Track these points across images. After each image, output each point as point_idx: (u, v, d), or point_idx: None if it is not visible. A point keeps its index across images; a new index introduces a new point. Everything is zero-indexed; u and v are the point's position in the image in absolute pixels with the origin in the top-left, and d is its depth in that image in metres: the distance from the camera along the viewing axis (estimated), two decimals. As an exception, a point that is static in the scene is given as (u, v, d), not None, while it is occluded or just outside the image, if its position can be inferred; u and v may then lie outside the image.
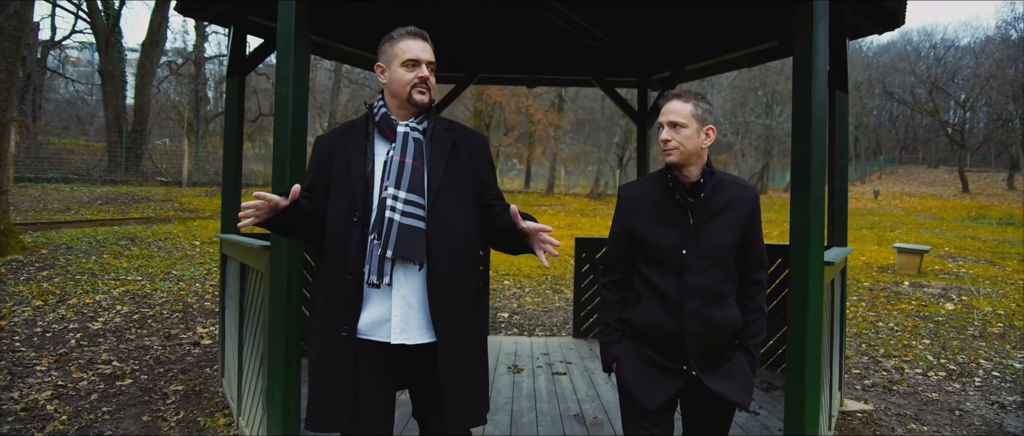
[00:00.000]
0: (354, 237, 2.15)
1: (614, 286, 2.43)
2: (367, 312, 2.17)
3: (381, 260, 2.11)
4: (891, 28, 4.70)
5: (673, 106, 2.30)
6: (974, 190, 41.44)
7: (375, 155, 2.22)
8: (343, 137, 2.28)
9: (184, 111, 38.23)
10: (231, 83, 4.80)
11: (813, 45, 2.86)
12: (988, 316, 8.63)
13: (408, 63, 2.21)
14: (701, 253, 2.25)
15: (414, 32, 2.26)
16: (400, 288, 2.16)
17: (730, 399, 2.25)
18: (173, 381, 4.82)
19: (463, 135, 2.34)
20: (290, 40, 2.83)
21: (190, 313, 6.86)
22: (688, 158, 2.27)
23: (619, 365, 2.38)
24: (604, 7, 5.50)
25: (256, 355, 3.45)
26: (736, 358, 2.33)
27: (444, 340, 2.16)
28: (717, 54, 5.91)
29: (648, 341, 2.31)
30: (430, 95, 2.26)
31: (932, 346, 6.99)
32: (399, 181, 2.14)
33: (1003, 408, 5.00)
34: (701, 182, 2.29)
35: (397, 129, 2.22)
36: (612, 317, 2.41)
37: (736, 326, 2.33)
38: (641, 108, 6.86)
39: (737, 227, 2.30)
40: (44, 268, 8.45)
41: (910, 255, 13.01)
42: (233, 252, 4.14)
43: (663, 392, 2.27)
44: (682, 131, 2.25)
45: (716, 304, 2.27)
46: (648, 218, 2.33)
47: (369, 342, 2.17)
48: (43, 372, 4.84)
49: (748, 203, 2.33)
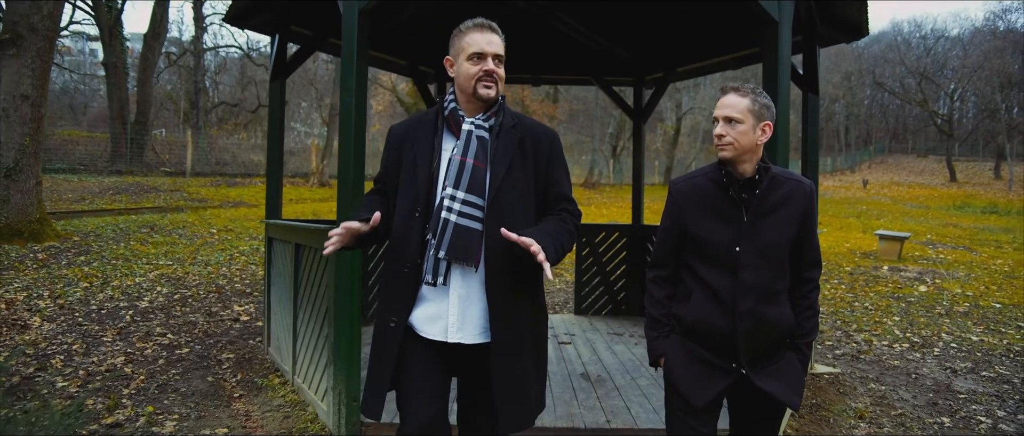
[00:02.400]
0: (414, 233, 2.17)
1: (662, 281, 2.39)
2: (423, 308, 2.19)
3: (436, 260, 2.12)
4: (857, 38, 5.37)
5: (729, 100, 2.22)
6: (961, 179, 42.29)
7: (442, 151, 2.22)
8: (414, 129, 2.27)
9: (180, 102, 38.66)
10: (274, 86, 5.42)
11: (778, 59, 3.52)
12: (957, 297, 9.33)
13: (473, 57, 2.18)
14: (755, 250, 2.20)
15: (481, 24, 2.22)
16: (457, 287, 2.16)
17: (780, 399, 2.21)
18: (224, 350, 5.46)
19: (531, 131, 2.29)
20: (353, 57, 3.46)
21: (224, 294, 7.48)
22: (742, 154, 2.20)
23: (667, 361, 2.33)
24: (605, 16, 6.13)
25: (315, 322, 4.09)
26: (787, 357, 2.29)
27: (498, 342, 2.15)
28: (706, 57, 6.56)
29: (698, 338, 2.27)
30: (497, 89, 2.21)
31: (900, 322, 7.68)
32: (458, 181, 2.13)
33: (954, 372, 5.69)
34: (756, 178, 2.23)
35: (462, 126, 2.20)
36: (660, 312, 2.37)
37: (788, 325, 2.28)
38: (636, 105, 7.51)
39: (792, 224, 2.25)
40: (80, 254, 9.05)
41: (891, 242, 13.71)
42: (286, 235, 4.77)
43: (711, 389, 2.23)
44: (737, 127, 2.18)
45: (769, 302, 2.22)
46: (700, 214, 2.27)
47: (423, 338, 2.19)
48: (110, 342, 5.47)
49: (804, 200, 2.27)
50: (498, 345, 2.15)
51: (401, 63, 6.94)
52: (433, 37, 5.83)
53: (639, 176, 7.53)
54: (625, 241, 7.17)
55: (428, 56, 6.99)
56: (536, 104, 36.27)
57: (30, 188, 9.57)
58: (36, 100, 9.58)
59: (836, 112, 55.40)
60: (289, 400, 4.29)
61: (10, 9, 9.39)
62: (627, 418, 3.87)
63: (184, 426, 3.83)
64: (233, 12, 5.16)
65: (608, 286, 7.17)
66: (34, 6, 9.37)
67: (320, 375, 3.95)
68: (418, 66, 7.12)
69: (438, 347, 2.19)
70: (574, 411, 3.98)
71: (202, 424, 3.87)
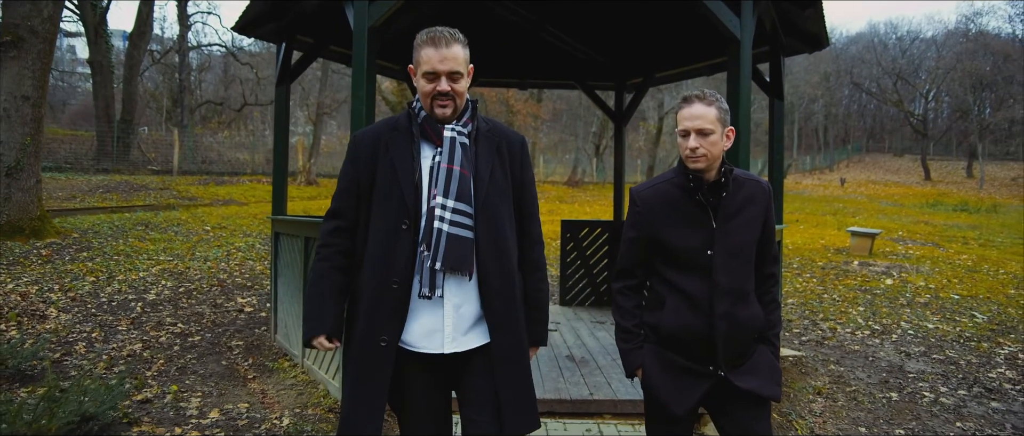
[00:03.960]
0: (403, 246, 2.10)
1: (630, 291, 2.39)
2: (416, 323, 2.14)
3: (432, 272, 2.08)
4: (818, 49, 5.87)
5: (698, 111, 2.21)
6: (935, 178, 43.37)
7: (421, 159, 2.17)
8: (387, 137, 2.20)
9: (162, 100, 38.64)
10: (280, 91, 5.80)
11: (740, 72, 3.99)
12: (919, 289, 9.90)
13: (427, 75, 2.11)
14: (727, 252, 2.23)
15: (436, 37, 2.11)
16: (451, 298, 2.13)
17: (761, 394, 2.25)
18: (233, 338, 5.84)
19: (504, 136, 2.29)
20: (363, 69, 3.87)
21: (226, 287, 7.84)
22: (713, 163, 2.24)
23: (645, 371, 2.33)
24: (589, 27, 6.59)
25: (324, 306, 4.49)
26: (759, 351, 2.33)
27: (499, 347, 2.14)
28: (682, 65, 7.04)
29: (675, 345, 2.29)
30: (454, 105, 2.15)
31: (864, 312, 8.21)
32: (447, 189, 2.09)
33: (908, 356, 6.20)
34: (722, 181, 2.25)
35: (444, 133, 2.15)
36: (631, 322, 2.36)
37: (760, 324, 2.32)
38: (618, 108, 7.98)
39: (757, 223, 2.30)
40: (82, 250, 9.35)
41: (862, 238, 14.30)
42: (295, 230, 5.16)
43: (692, 396, 2.26)
44: (709, 137, 2.20)
45: (743, 303, 2.26)
46: (669, 220, 2.28)
47: (416, 354, 2.15)
48: (125, 331, 5.83)
49: (765, 199, 2.33)
50: (500, 351, 2.14)
51: (395, 68, 7.34)
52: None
53: (620, 175, 7.98)
54: (607, 236, 7.62)
55: (421, 61, 7.40)
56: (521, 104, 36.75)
57: (31, 186, 9.85)
58: (36, 101, 9.86)
59: (815, 112, 56.43)
60: (300, 380, 4.69)
61: (11, 12, 9.65)
62: (608, 391, 4.34)
63: (208, 402, 4.23)
64: (242, 22, 5.52)
65: (591, 279, 7.62)
66: (34, 8, 9.65)
67: (331, 354, 4.36)
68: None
69: (432, 362, 2.16)
70: (561, 386, 4.43)
71: (224, 401, 4.27)
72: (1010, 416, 4.57)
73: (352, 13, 3.93)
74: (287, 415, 4.00)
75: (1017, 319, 7.77)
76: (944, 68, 45.89)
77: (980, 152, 41.33)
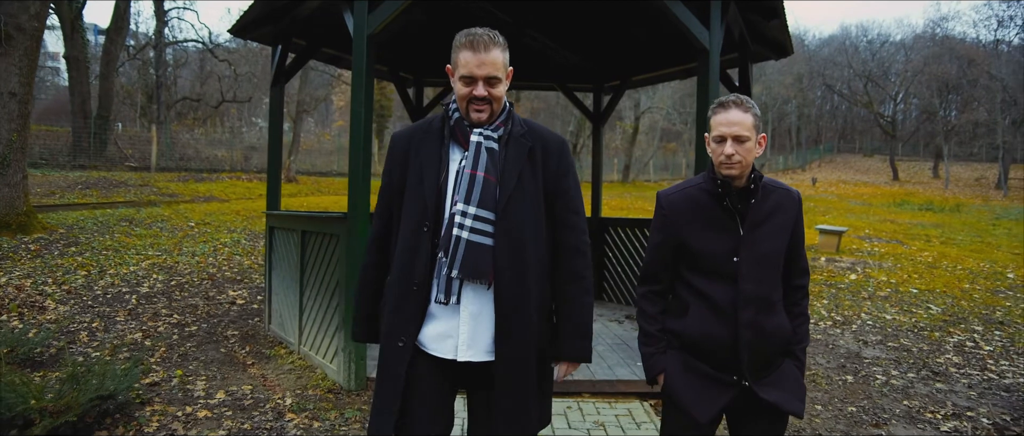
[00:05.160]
0: (423, 249, 2.10)
1: (655, 296, 2.35)
2: (433, 326, 2.12)
3: (449, 279, 2.06)
4: (784, 56, 6.27)
5: (735, 117, 2.17)
6: (903, 178, 44.52)
7: (450, 162, 2.15)
8: (419, 138, 2.20)
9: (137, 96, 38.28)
10: (275, 91, 6.07)
11: (709, 79, 4.36)
12: (881, 284, 10.41)
13: (464, 79, 2.09)
14: (754, 260, 2.20)
15: (474, 40, 2.09)
16: (469, 305, 2.10)
17: (784, 408, 2.20)
18: (228, 327, 6.09)
19: (541, 139, 2.22)
20: (363, 73, 4.17)
21: (217, 281, 8.06)
22: (746, 170, 2.19)
23: (667, 377, 2.29)
24: (570, 33, 6.94)
25: (323, 296, 4.79)
26: (785, 365, 2.28)
27: (501, 356, 2.10)
28: (658, 69, 7.43)
29: (699, 352, 2.25)
30: (491, 110, 2.12)
31: (828, 305, 8.67)
32: (469, 196, 2.06)
33: (866, 344, 6.64)
34: (751, 188, 2.21)
35: (471, 137, 2.12)
36: (654, 327, 2.32)
37: (786, 334, 2.27)
38: (596, 108, 8.35)
39: (785, 232, 2.26)
40: (70, 245, 9.48)
41: (830, 235, 14.85)
42: (291, 224, 5.44)
43: (715, 403, 2.21)
44: (746, 144, 2.16)
45: (768, 312, 2.22)
46: (696, 225, 2.24)
47: (430, 356, 2.13)
48: (123, 322, 6.06)
49: (794, 208, 2.29)
50: (502, 362, 2.09)
51: (383, 70, 7.62)
52: (411, 45, 6.54)
53: (598, 173, 8.35)
54: (586, 232, 7.98)
55: (408, 62, 7.70)
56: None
57: (18, 182, 9.94)
58: (23, 97, 9.96)
59: (788, 112, 57.52)
60: (297, 365, 4.97)
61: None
62: (586, 372, 4.71)
63: (213, 385, 4.50)
64: (240, 24, 5.78)
65: (570, 272, 7.96)
66: (22, 6, 9.75)
67: (329, 341, 4.66)
68: (399, 72, 7.81)
69: (445, 365, 2.13)
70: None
71: (227, 384, 4.54)
72: (951, 395, 5.00)
73: (352, 21, 4.23)
74: (289, 396, 4.29)
75: (968, 311, 8.28)
76: (912, 71, 47.10)
77: (945, 153, 42.53)
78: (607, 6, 6.11)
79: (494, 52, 2.08)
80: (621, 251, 7.78)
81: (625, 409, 4.33)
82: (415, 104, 8.20)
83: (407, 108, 8.23)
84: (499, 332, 2.09)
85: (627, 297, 7.69)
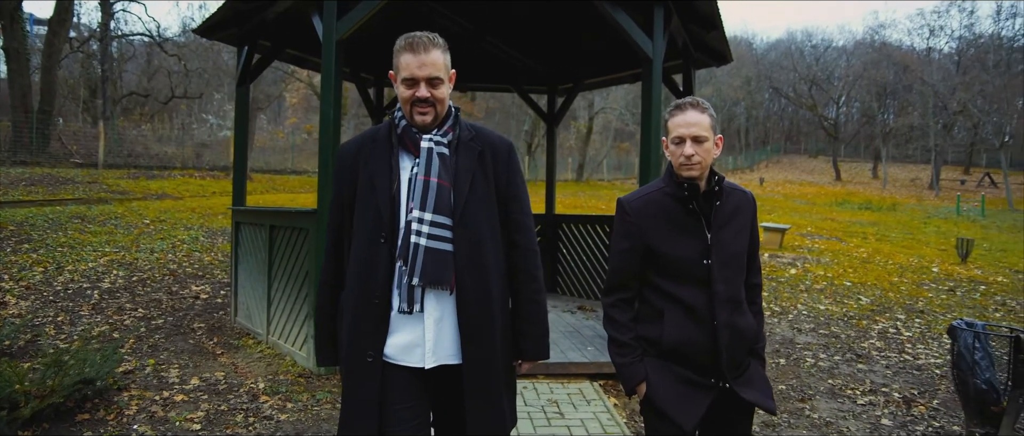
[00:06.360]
0: (381, 260, 2.08)
1: (624, 304, 2.32)
2: (397, 337, 2.10)
3: (410, 287, 2.04)
4: (724, 63, 6.74)
5: (692, 118, 2.19)
6: (845, 178, 46.38)
7: (400, 170, 2.12)
8: (366, 148, 2.17)
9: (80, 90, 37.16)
10: (241, 92, 6.25)
11: (652, 86, 4.75)
12: (818, 277, 11.08)
13: (406, 81, 2.07)
14: (722, 262, 2.21)
15: (414, 42, 2.08)
16: (432, 312, 2.09)
17: (761, 406, 2.22)
18: (194, 320, 6.24)
19: (489, 142, 2.22)
20: (331, 76, 4.42)
21: (179, 276, 8.15)
22: (705, 171, 2.22)
23: (650, 386, 2.24)
24: (525, 39, 7.29)
25: (291, 287, 5.02)
26: (752, 365, 2.30)
27: (468, 359, 2.10)
28: (608, 73, 7.84)
29: (679, 358, 2.23)
30: (435, 112, 2.11)
31: (768, 297, 9.23)
32: (424, 202, 2.05)
33: (799, 331, 7.18)
34: (716, 190, 2.23)
35: (421, 144, 2.10)
36: (627, 336, 2.28)
37: (754, 332, 2.30)
38: (550, 110, 8.73)
39: (746, 233, 2.29)
40: (22, 242, 9.40)
41: (773, 233, 15.58)
42: (258, 219, 5.64)
43: (699, 409, 2.20)
44: (704, 145, 2.17)
45: (739, 312, 2.24)
46: (663, 230, 2.23)
47: (399, 367, 2.11)
48: (87, 316, 6.15)
49: (750, 209, 2.33)
50: (471, 365, 2.10)
51: (345, 71, 7.83)
52: (372, 45, 6.78)
53: (552, 172, 8.73)
54: (539, 228, 8.35)
55: (368, 63, 7.94)
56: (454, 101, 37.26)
57: (-33, 178, 9.78)
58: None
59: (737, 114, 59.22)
60: (267, 354, 5.19)
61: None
62: (561, 357, 5.07)
63: (186, 372, 4.69)
64: (206, 25, 5.95)
65: (526, 267, 8.33)
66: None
67: (297, 329, 4.90)
68: (360, 72, 8.04)
69: (415, 372, 2.12)
70: (501, 355, 5.12)
71: (200, 371, 4.74)
72: (871, 374, 5.53)
73: (321, 26, 4.48)
74: (262, 380, 4.52)
75: (894, 301, 8.94)
76: (853, 75, 49.12)
77: (884, 155, 44.53)
78: (561, 16, 6.48)
79: (434, 53, 2.08)
80: (573, 246, 8.18)
81: (576, 388, 4.70)
82: (375, 104, 8.44)
83: (368, 108, 8.46)
84: (465, 336, 2.10)
85: (579, 290, 8.08)
